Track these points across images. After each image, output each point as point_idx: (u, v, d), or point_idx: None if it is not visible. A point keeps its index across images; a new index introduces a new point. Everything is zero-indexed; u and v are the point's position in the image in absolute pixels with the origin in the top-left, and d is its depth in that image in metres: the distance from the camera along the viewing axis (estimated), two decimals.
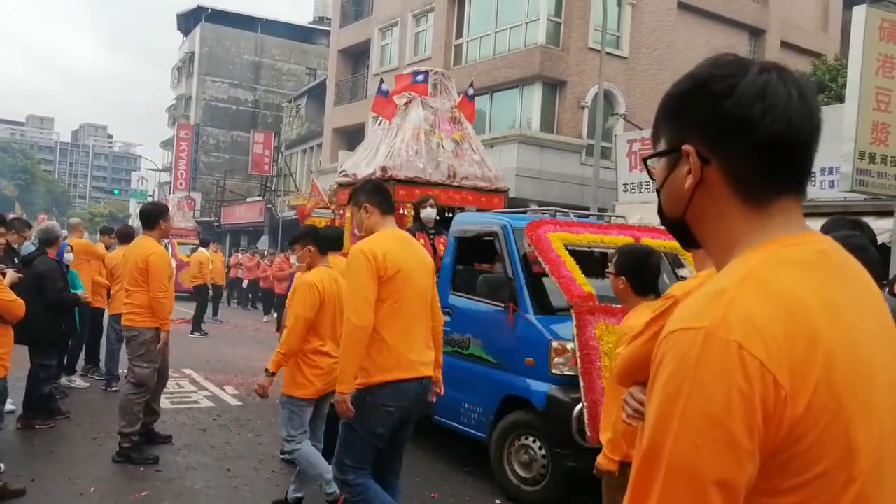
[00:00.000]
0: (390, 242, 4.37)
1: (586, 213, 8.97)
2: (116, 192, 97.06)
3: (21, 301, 5.44)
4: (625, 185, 17.82)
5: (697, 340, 1.05)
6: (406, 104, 9.32)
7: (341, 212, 9.28)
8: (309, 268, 5.67)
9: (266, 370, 5.40)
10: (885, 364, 1.16)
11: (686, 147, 1.21)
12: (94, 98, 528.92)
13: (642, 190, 16.89)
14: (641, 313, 3.47)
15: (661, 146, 1.29)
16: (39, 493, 5.73)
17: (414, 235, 7.59)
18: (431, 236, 7.99)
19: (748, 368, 1.02)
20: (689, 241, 1.31)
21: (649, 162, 1.33)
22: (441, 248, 7.95)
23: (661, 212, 1.33)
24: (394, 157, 8.73)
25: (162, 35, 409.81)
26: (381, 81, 9.60)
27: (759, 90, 1.17)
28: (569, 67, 22.89)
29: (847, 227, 3.42)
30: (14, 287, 5.83)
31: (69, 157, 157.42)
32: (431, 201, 8.00)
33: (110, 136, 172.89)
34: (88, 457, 6.80)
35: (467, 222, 7.70)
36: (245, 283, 25.63)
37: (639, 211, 14.02)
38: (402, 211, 8.29)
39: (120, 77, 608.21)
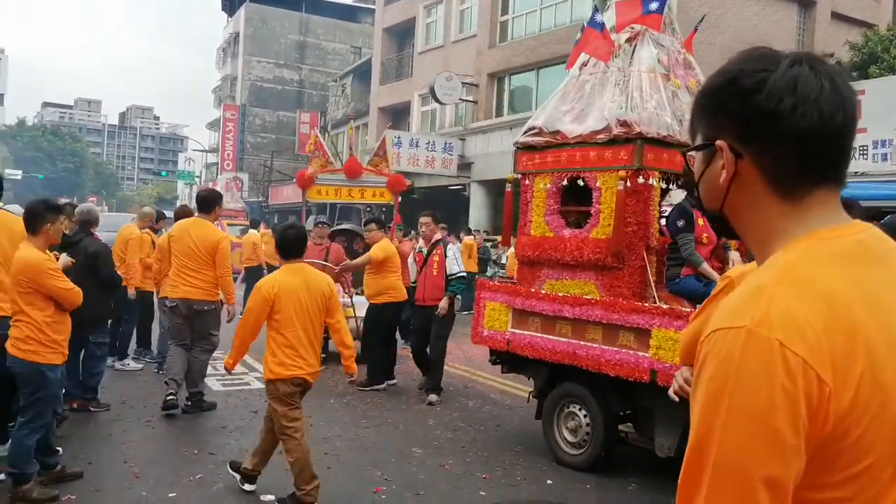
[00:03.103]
0: None
1: None
2: (164, 173, 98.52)
3: (78, 289, 5.48)
4: None
5: (739, 339, 1.07)
6: (629, 41, 6.93)
7: (526, 180, 7.15)
8: None
9: None
10: None
11: (719, 142, 1.24)
12: (141, 80, 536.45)
13: None
14: (283, 269, 5.51)
15: (698, 140, 1.31)
16: (97, 476, 5.82)
17: (687, 214, 5.99)
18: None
19: (791, 366, 1.04)
20: (729, 232, 1.33)
21: (689, 155, 1.37)
22: None
23: (699, 205, 1.37)
24: (635, 108, 6.39)
25: (207, 16, 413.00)
26: (595, 10, 7.29)
27: (789, 83, 1.17)
28: None
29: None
30: (66, 271, 5.89)
31: (117, 139, 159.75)
32: None
33: (157, 118, 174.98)
34: (143, 439, 6.88)
35: None
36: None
37: None
38: (649, 181, 6.29)
39: (166, 59, 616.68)
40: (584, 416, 6.47)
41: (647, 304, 5.97)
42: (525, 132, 7.15)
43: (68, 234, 7.86)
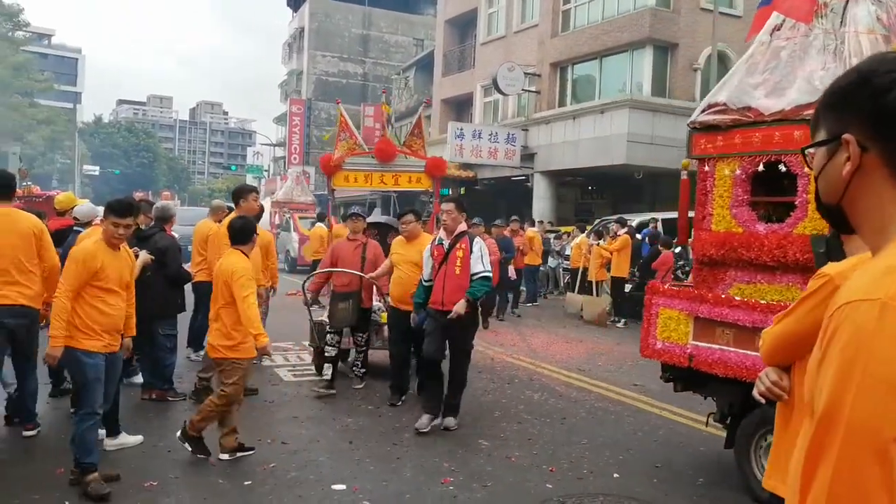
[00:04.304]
0: None
1: None
2: (233, 167, 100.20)
3: (59, 299, 5.47)
4: None
5: (874, 311, 1.16)
6: None
7: (705, 166, 6.04)
8: None
9: None
10: None
11: (846, 136, 1.32)
12: (210, 76, 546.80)
13: None
14: (230, 252, 6.31)
15: (821, 136, 1.40)
16: (176, 464, 6.06)
17: None
18: None
19: None
20: (843, 226, 1.42)
21: (808, 151, 1.45)
22: None
23: (817, 198, 1.45)
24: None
25: (272, 11, 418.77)
26: None
27: None
28: (680, 29, 22.23)
29: None
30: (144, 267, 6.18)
31: (188, 134, 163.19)
32: None
33: (226, 113, 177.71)
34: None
35: None
36: None
37: None
38: None
39: (233, 55, 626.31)
40: None
41: None
42: (703, 110, 6.06)
43: (144, 228, 8.18)
